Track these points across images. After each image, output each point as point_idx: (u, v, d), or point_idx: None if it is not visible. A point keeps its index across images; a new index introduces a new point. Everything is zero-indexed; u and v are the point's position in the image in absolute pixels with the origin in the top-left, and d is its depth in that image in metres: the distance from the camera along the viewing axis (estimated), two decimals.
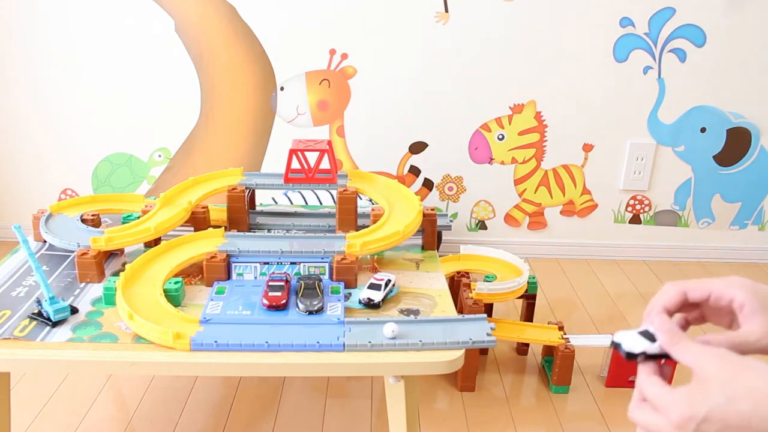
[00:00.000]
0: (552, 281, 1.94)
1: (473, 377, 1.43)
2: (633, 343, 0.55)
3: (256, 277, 1.14)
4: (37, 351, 0.94)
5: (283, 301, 1.03)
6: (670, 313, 0.58)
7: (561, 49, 1.86)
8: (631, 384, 1.44)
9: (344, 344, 0.94)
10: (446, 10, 1.82)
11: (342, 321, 1.00)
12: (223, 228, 1.22)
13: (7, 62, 1.87)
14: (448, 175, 2.01)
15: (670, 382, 0.53)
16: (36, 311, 1.01)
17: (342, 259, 1.12)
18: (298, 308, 1.03)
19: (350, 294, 1.10)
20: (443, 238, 1.57)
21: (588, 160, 1.99)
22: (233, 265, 1.13)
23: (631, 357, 0.54)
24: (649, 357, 0.54)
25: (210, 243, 1.17)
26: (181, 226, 1.25)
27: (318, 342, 0.94)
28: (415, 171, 2.00)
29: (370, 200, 1.32)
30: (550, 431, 1.33)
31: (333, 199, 1.32)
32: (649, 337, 0.55)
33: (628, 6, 1.81)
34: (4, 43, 1.85)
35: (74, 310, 1.02)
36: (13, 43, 1.85)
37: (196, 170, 1.93)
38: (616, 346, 0.56)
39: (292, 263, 1.14)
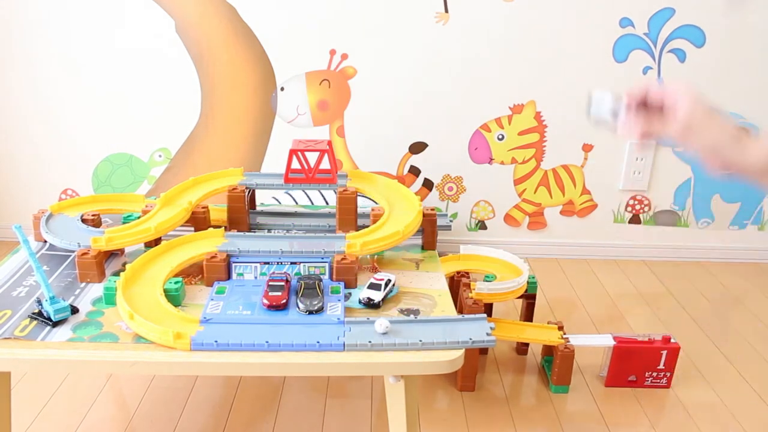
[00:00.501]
0: (552, 281, 1.94)
1: (473, 377, 1.43)
2: (601, 108, 0.74)
3: (256, 277, 1.14)
4: (37, 351, 0.94)
5: (283, 301, 1.03)
6: (633, 103, 0.77)
7: (561, 49, 1.86)
8: (631, 384, 1.45)
9: (344, 344, 0.94)
10: (446, 10, 1.82)
11: (342, 321, 1.00)
12: (223, 228, 1.22)
13: (7, 62, 1.87)
14: (448, 175, 2.01)
15: None
16: (36, 311, 1.01)
17: (342, 259, 1.12)
18: (298, 308, 1.03)
19: (350, 294, 1.10)
20: (443, 238, 1.57)
21: (588, 160, 2.00)
22: (233, 265, 1.13)
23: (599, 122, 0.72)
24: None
25: (210, 243, 1.17)
26: (182, 226, 1.25)
27: (318, 342, 0.94)
28: (415, 171, 2.00)
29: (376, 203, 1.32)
30: (550, 431, 1.33)
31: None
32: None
33: (627, 6, 1.81)
34: (4, 43, 1.85)
35: (75, 310, 1.02)
36: (13, 43, 1.85)
37: (196, 170, 1.93)
38: (588, 103, 0.72)
39: (292, 263, 1.14)
